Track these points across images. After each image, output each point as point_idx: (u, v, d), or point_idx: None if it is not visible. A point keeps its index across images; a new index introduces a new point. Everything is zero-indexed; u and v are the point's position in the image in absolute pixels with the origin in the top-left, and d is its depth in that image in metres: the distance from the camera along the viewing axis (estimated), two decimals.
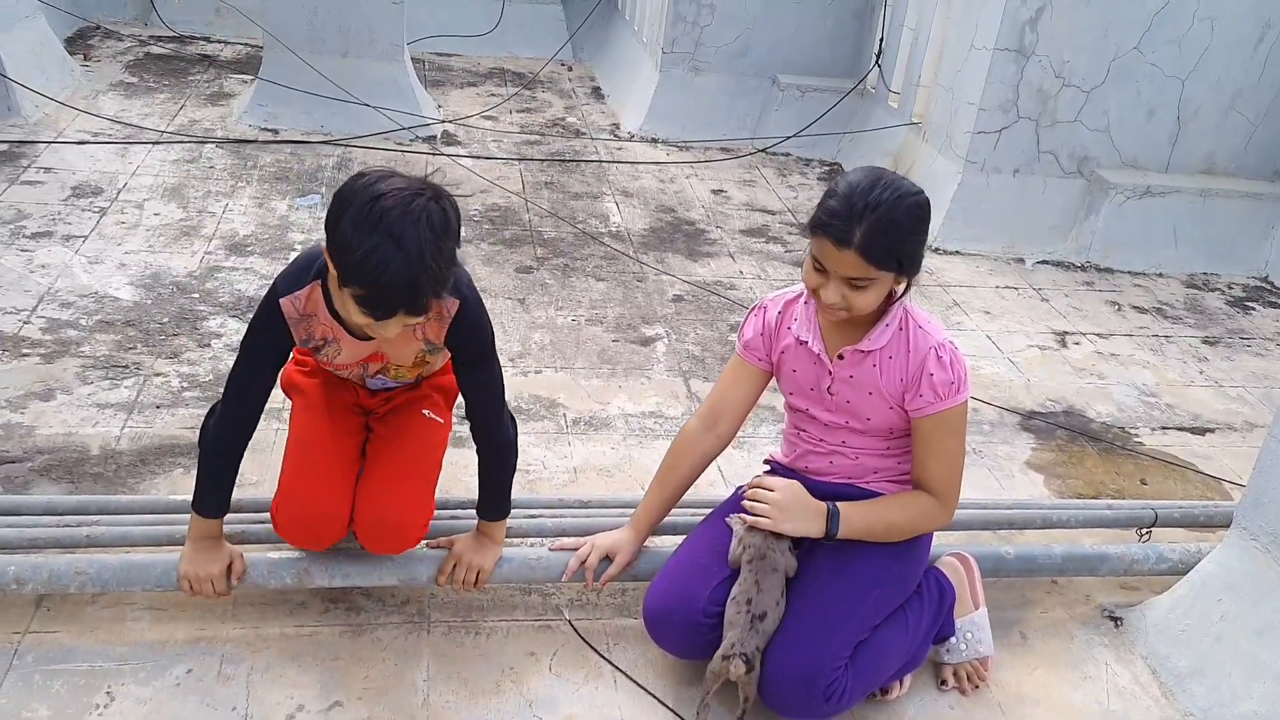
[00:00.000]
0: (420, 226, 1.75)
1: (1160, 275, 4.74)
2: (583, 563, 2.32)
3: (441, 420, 2.30)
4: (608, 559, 2.33)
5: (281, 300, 2.02)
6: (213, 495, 2.17)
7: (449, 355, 2.24)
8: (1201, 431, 3.51)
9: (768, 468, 2.49)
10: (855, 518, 2.17)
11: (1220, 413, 3.64)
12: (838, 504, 2.17)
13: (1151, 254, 4.76)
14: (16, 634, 2.20)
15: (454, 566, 2.26)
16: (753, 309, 2.34)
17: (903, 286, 2.11)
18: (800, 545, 2.21)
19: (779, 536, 2.17)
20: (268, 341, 2.07)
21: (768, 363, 2.31)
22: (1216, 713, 2.27)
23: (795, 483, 2.20)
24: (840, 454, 2.28)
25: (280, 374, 2.37)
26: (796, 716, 2.11)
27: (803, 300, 2.25)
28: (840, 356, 2.18)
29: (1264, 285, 4.78)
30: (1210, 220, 4.79)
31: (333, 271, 1.85)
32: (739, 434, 2.48)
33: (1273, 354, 4.13)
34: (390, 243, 1.73)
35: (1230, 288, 4.71)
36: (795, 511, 2.15)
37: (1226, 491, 3.18)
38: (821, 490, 2.30)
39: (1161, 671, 2.41)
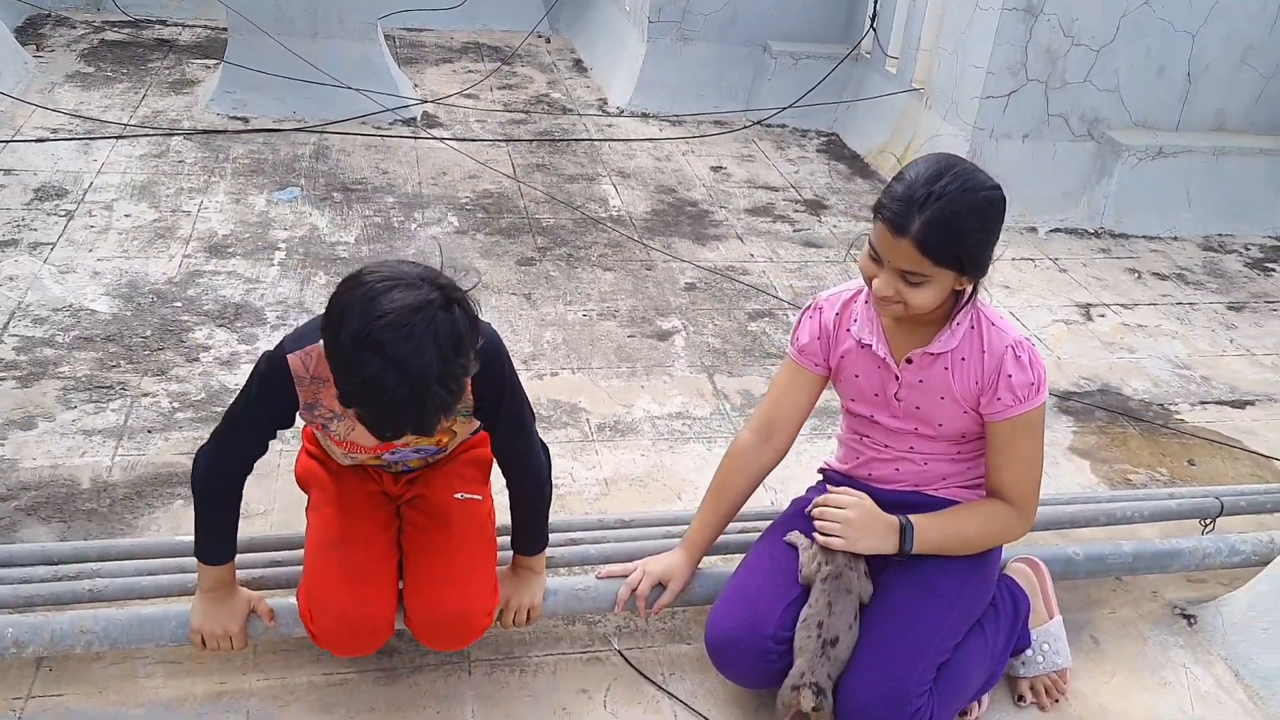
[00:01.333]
0: (426, 348, 1.52)
1: (1175, 239, 4.61)
2: (634, 590, 2.14)
3: (479, 497, 2.07)
4: (660, 585, 2.16)
5: (290, 356, 1.79)
6: (216, 539, 1.95)
7: (475, 425, 2.04)
8: (1241, 405, 3.39)
9: (821, 477, 2.33)
10: (929, 532, 2.01)
11: (1257, 383, 3.52)
12: (910, 517, 2.01)
13: (1165, 217, 4.63)
14: (18, 700, 2.00)
15: (500, 609, 2.07)
16: (806, 309, 2.16)
17: (969, 289, 1.94)
18: (872, 568, 2.05)
19: (855, 557, 2.01)
20: (269, 402, 1.85)
21: (825, 368, 2.13)
22: None
23: (864, 497, 2.04)
24: (908, 460, 2.12)
25: (295, 465, 2.15)
26: None
27: (862, 299, 2.07)
28: (908, 360, 2.01)
29: None
30: (1223, 179, 4.66)
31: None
32: None
33: None
34: (394, 370, 1.51)
35: (1247, 249, 4.59)
36: (868, 528, 1.99)
37: (1277, 470, 3.06)
38: (887, 499, 2.14)
39: (1245, 674, 2.29)
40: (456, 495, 2.03)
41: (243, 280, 3.58)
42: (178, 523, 2.49)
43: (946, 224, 1.80)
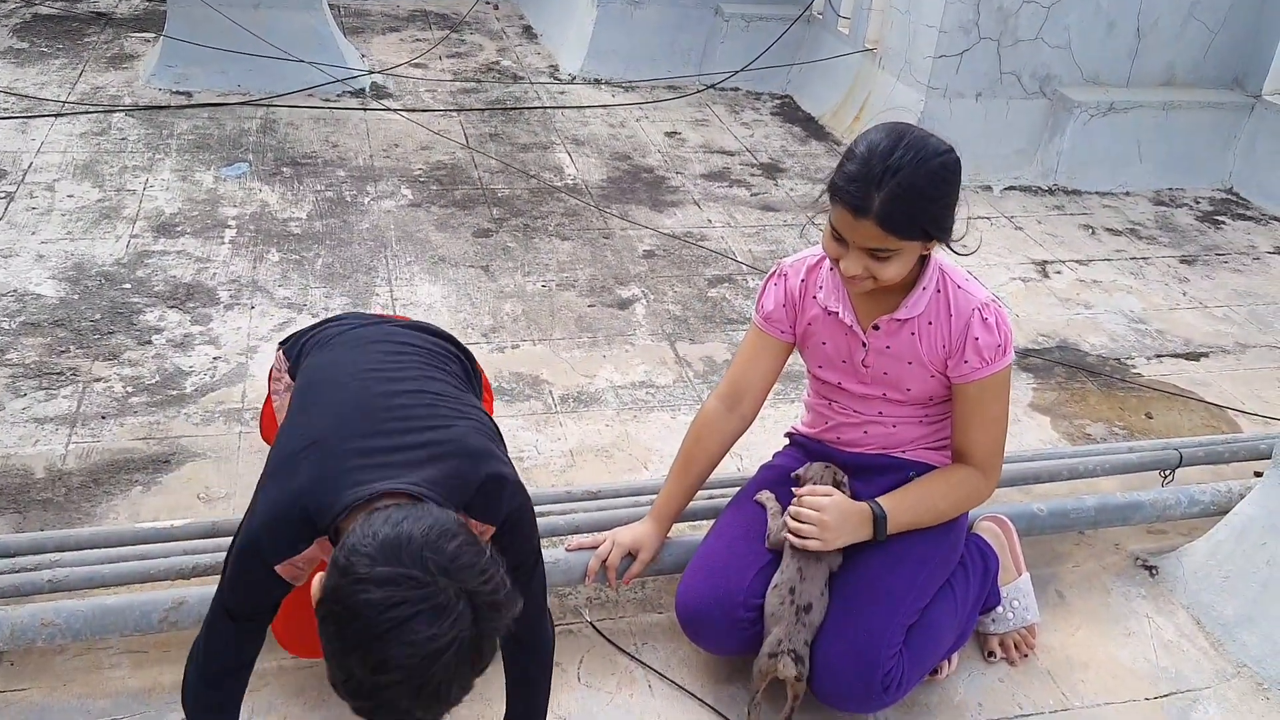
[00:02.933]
0: (455, 677, 1.26)
1: (1127, 194, 4.65)
2: (604, 562, 2.14)
3: None
4: (630, 555, 2.15)
5: (279, 567, 1.51)
6: None
7: None
8: (1195, 357, 3.44)
9: (788, 441, 2.33)
10: (900, 513, 2.01)
11: (1210, 335, 3.58)
12: (880, 502, 2.01)
13: (1117, 172, 4.67)
14: None
15: None
16: (770, 276, 2.14)
17: (933, 251, 1.93)
18: None
19: None
20: (261, 605, 1.58)
21: (791, 335, 2.12)
22: (1272, 662, 2.19)
23: (836, 495, 2.00)
24: (876, 424, 2.12)
25: (261, 418, 1.97)
26: (853, 709, 1.98)
27: (828, 265, 2.06)
28: (875, 327, 2.00)
29: (1230, 197, 4.73)
30: (1173, 134, 4.70)
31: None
32: None
33: (1250, 269, 4.08)
34: (414, 697, 1.25)
35: (1197, 202, 4.65)
36: (843, 526, 1.97)
37: (1232, 420, 3.12)
38: (854, 462, 2.15)
39: (1207, 621, 2.33)
40: None
41: (193, 260, 3.50)
42: (137, 510, 2.44)
43: (906, 198, 1.77)
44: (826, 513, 1.96)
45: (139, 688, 2.00)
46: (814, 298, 2.06)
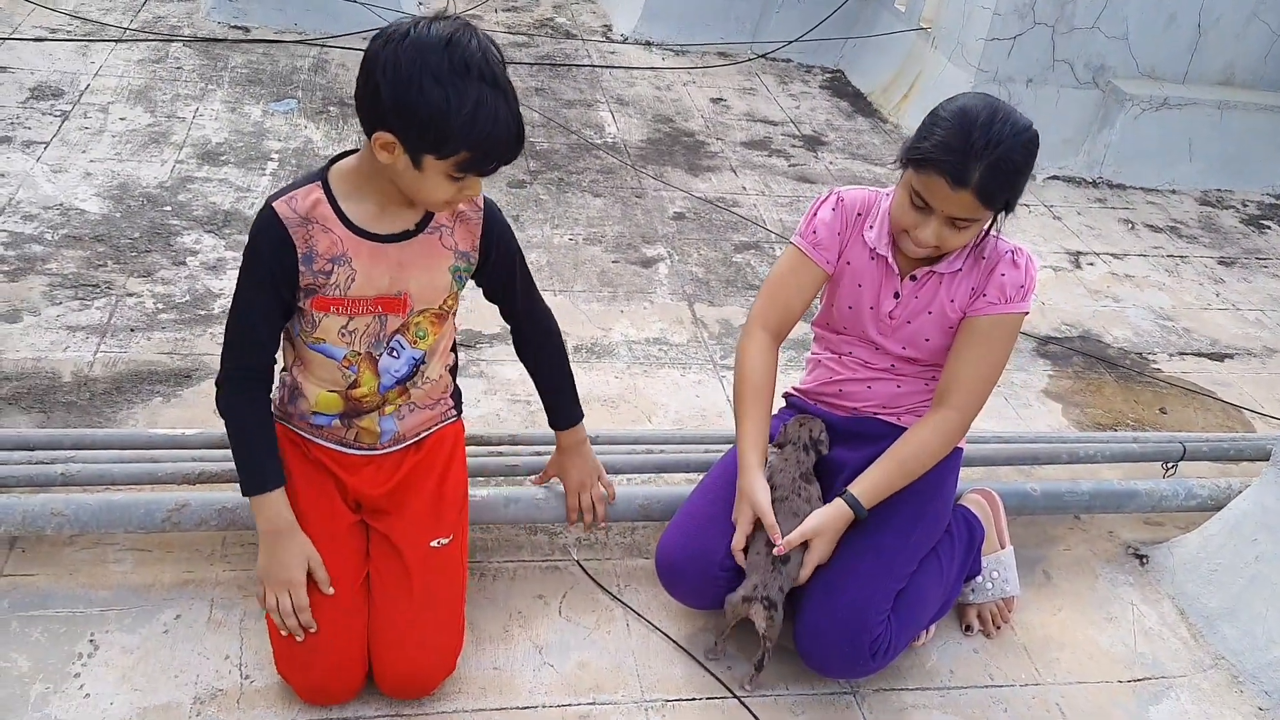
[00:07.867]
0: (499, 63, 1.58)
1: (1174, 192, 4.58)
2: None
3: (450, 537, 1.96)
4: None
5: (275, 204, 1.72)
6: (259, 463, 1.82)
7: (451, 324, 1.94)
8: (1220, 357, 3.41)
9: (783, 403, 2.35)
10: (874, 488, 1.99)
11: (1238, 337, 3.53)
12: (850, 490, 1.98)
13: (1165, 169, 4.60)
14: None
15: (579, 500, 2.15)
16: (824, 199, 2.08)
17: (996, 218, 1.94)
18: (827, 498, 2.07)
19: (807, 481, 2.04)
20: (269, 260, 1.74)
21: (831, 266, 2.09)
22: (1250, 656, 2.19)
23: (822, 529, 1.95)
24: (883, 380, 2.14)
25: None
26: (841, 675, 2.01)
27: (884, 207, 2.05)
28: (912, 278, 2.03)
29: (1279, 203, 4.64)
30: (1226, 135, 4.62)
31: (401, 156, 1.60)
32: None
33: None
34: (492, 89, 1.55)
35: (1244, 205, 4.57)
36: (835, 540, 1.98)
37: (1248, 421, 3.09)
38: (845, 427, 2.17)
39: (1190, 612, 2.33)
40: (432, 544, 1.93)
41: (234, 188, 3.59)
42: (155, 419, 2.53)
43: (1005, 172, 1.80)
44: (816, 554, 1.96)
45: (140, 583, 2.09)
46: (862, 234, 2.06)
